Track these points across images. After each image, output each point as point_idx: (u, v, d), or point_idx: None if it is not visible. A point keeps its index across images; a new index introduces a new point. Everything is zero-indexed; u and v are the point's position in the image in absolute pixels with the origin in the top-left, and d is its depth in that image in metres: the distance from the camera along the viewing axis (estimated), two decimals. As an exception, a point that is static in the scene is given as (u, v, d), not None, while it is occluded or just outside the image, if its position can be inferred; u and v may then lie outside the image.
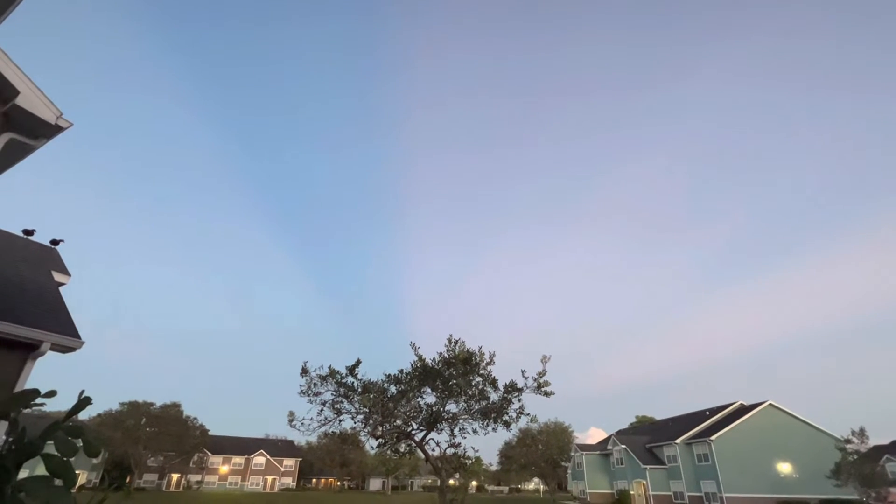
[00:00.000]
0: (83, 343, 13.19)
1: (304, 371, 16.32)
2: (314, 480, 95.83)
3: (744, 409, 50.78)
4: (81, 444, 2.90)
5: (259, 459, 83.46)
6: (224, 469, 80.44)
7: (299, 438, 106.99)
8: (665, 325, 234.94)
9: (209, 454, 78.32)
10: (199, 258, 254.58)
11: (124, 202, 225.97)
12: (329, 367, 16.34)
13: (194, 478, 76.36)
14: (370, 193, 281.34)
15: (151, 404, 66.34)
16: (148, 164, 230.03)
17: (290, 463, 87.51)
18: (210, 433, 77.22)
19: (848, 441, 37.23)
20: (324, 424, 16.52)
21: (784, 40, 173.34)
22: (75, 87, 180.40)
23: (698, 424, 51.93)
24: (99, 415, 66.01)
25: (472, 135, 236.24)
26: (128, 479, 65.47)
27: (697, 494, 47.10)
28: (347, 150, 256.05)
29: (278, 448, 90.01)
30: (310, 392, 16.28)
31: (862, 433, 36.72)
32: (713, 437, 46.21)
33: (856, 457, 37.12)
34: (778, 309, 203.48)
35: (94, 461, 65.86)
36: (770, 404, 49.13)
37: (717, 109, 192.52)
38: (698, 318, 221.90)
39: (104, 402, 77.30)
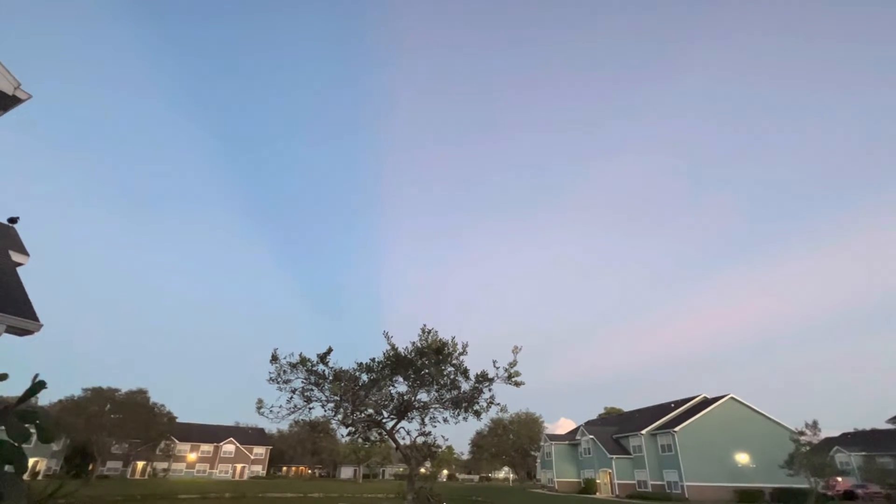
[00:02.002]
0: (41, 326, 12.73)
1: (274, 358, 16.16)
2: (285, 468, 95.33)
3: (707, 402, 52.67)
4: (35, 430, 2.80)
5: (228, 447, 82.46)
6: (192, 457, 79.21)
7: (270, 426, 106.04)
8: (635, 320, 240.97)
9: (176, 442, 76.96)
10: (168, 242, 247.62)
11: (93, 184, 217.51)
12: (300, 355, 16.24)
13: (161, 465, 74.99)
14: (349, 185, 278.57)
15: (116, 391, 64.62)
16: (118, 149, 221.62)
17: (260, 451, 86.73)
18: (178, 420, 75.85)
19: (802, 433, 39.04)
20: (293, 412, 16.43)
21: (769, 38, 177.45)
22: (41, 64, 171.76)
23: (663, 416, 53.66)
24: (60, 401, 64.00)
25: (456, 127, 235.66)
26: (90, 467, 63.80)
27: (660, 483, 48.82)
28: (330, 141, 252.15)
29: (248, 436, 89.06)
30: (279, 379, 16.14)
31: (815, 426, 38.55)
32: (677, 429, 47.87)
33: (808, 448, 39.01)
34: (742, 307, 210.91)
35: (55, 448, 63.88)
36: (731, 398, 51.09)
37: (702, 105, 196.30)
38: (667, 314, 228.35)
39: (67, 388, 75.07)
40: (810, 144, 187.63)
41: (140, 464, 73.20)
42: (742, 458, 47.53)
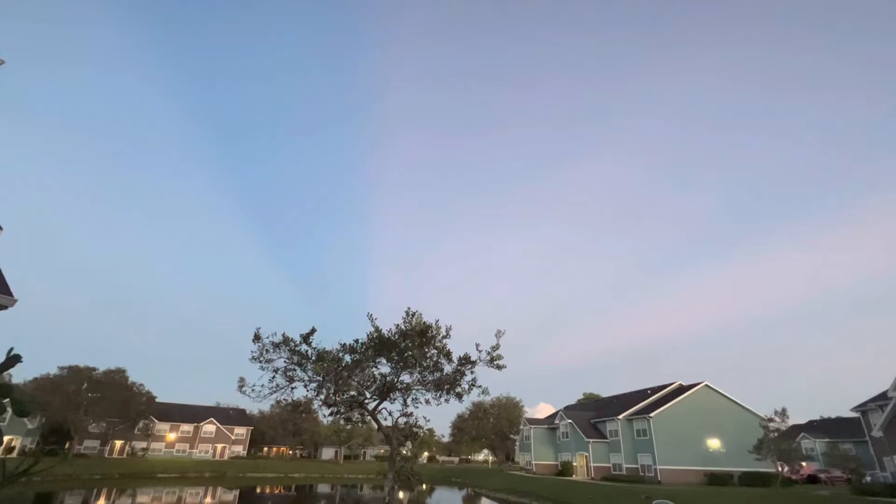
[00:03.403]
0: (16, 301, 12.39)
1: (257, 337, 16.08)
2: (265, 449, 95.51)
3: (682, 389, 54.09)
4: (10, 404, 2.75)
5: (209, 427, 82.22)
6: (171, 436, 78.82)
7: (251, 407, 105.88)
8: (616, 309, 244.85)
9: (156, 421, 76.44)
10: (148, 220, 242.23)
11: (72, 159, 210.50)
12: (283, 335, 16.18)
13: (139, 445, 74.49)
14: (337, 173, 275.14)
15: (94, 369, 63.68)
16: (97, 123, 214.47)
17: (241, 431, 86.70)
18: (158, 400, 75.30)
19: (771, 420, 40.42)
20: (275, 392, 16.44)
21: (744, 46, 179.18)
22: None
23: (640, 402, 55.01)
24: (35, 378, 62.86)
25: (445, 119, 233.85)
26: (67, 445, 63.06)
27: (634, 466, 50.26)
28: (316, 129, 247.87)
29: (229, 416, 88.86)
30: (262, 359, 16.08)
31: (783, 413, 39.91)
32: (652, 414, 49.16)
33: (776, 434, 40.45)
34: (718, 298, 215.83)
35: (29, 426, 62.94)
36: (706, 385, 52.55)
37: (680, 108, 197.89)
38: (647, 303, 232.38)
39: (42, 367, 73.66)
40: (780, 147, 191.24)
41: (118, 443, 72.61)
42: (713, 443, 49.11)
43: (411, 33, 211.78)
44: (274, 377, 16.31)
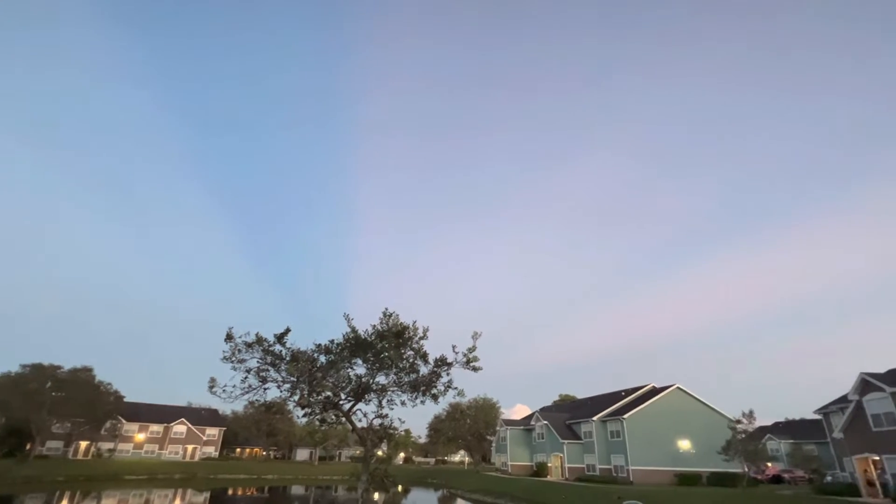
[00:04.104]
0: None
1: (229, 337, 15.71)
2: (238, 450, 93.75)
3: (655, 391, 55.17)
4: None
5: (179, 428, 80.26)
6: (140, 437, 76.67)
7: (224, 407, 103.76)
8: (593, 312, 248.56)
9: (123, 421, 74.28)
10: (119, 216, 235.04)
11: (43, 155, 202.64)
12: (256, 334, 15.84)
13: (106, 446, 72.22)
14: (317, 172, 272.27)
15: (59, 367, 61.42)
16: (69, 118, 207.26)
17: (213, 432, 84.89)
18: (126, 400, 73.20)
19: (738, 421, 41.54)
20: (247, 392, 16.08)
21: (729, 45, 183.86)
22: None
23: (614, 404, 55.90)
24: (-5, 376, 60.25)
25: (430, 121, 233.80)
26: (27, 447, 60.66)
27: (608, 467, 51.04)
28: (298, 127, 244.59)
29: (201, 417, 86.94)
30: (234, 358, 15.72)
31: (750, 415, 41.04)
32: (626, 416, 50.01)
33: (744, 435, 41.61)
34: (691, 303, 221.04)
35: (-13, 425, 60.31)
36: (678, 387, 53.71)
37: (669, 110, 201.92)
38: (623, 306, 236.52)
39: (2, 365, 70.74)
40: (763, 149, 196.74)
41: (83, 444, 70.28)
42: (684, 443, 50.22)
43: (399, 34, 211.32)
44: (246, 378, 15.95)
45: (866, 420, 29.06)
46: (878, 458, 28.50)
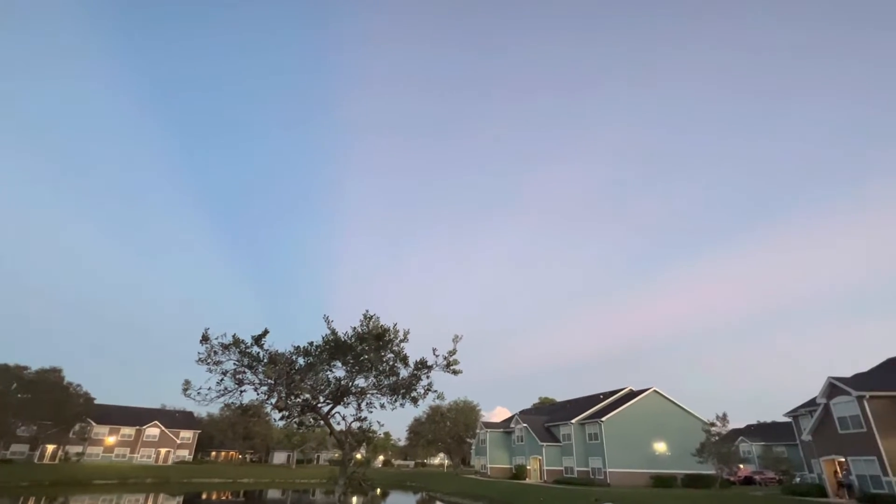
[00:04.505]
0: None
1: (205, 338, 15.38)
2: (214, 453, 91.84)
3: (632, 394, 55.99)
4: None
5: (152, 431, 78.23)
6: (110, 440, 74.47)
7: (199, 409, 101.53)
8: (573, 316, 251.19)
9: (93, 424, 72.04)
10: (94, 215, 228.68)
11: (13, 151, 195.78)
12: (233, 336, 15.56)
13: (74, 449, 69.93)
14: (299, 173, 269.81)
15: (25, 368, 59.33)
16: (39, 113, 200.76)
17: (187, 435, 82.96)
18: (97, 402, 71.13)
19: (713, 424, 42.48)
20: (223, 395, 15.77)
21: (707, 50, 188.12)
22: None
23: (592, 406, 56.48)
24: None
25: (412, 125, 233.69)
26: (-10, 450, 58.40)
27: (585, 469, 51.55)
28: (288, 131, 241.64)
29: (175, 419, 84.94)
30: (209, 360, 15.41)
31: (724, 418, 42.02)
32: (604, 419, 50.61)
33: (717, 438, 42.55)
34: (670, 307, 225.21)
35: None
36: (654, 390, 54.58)
37: (650, 115, 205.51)
38: (603, 310, 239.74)
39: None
40: (741, 154, 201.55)
41: (50, 447, 67.90)
42: (660, 446, 51.05)
43: (384, 38, 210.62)
44: (222, 380, 15.65)
45: (833, 423, 29.97)
46: (843, 459, 29.42)
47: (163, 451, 77.99)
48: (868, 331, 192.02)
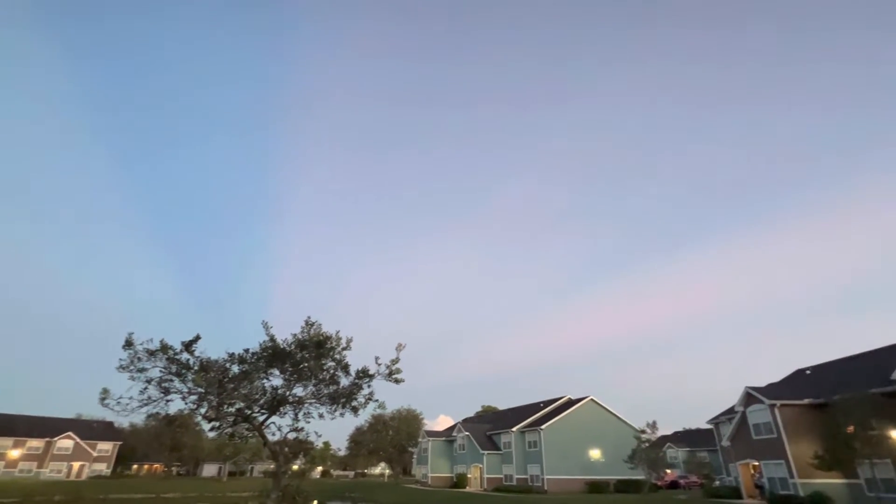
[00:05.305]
0: None
1: (129, 344, 14.28)
2: (136, 466, 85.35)
3: (570, 403, 57.77)
4: None
5: (65, 443, 71.63)
6: (14, 454, 67.42)
7: (121, 420, 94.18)
8: (516, 325, 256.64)
9: (-8, 436, 65.08)
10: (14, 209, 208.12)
11: None
12: (161, 341, 14.59)
13: (-33, 464, 62.75)
14: (245, 182, 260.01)
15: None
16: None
17: (106, 447, 76.68)
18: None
19: (643, 432, 44.63)
20: (146, 404, 14.71)
21: (661, 62, 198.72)
22: None
23: (533, 415, 57.76)
24: None
25: (362, 136, 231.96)
26: None
27: (524, 476, 52.49)
28: (238, 135, 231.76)
29: (93, 430, 78.32)
30: (132, 367, 14.35)
31: (654, 425, 44.28)
32: (543, 427, 51.85)
33: (647, 445, 44.72)
34: (608, 315, 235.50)
35: None
36: (591, 399, 56.63)
37: (600, 127, 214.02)
38: (547, 319, 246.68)
39: None
40: (690, 163, 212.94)
41: (-61, 463, 60.54)
42: (595, 453, 52.95)
43: (340, 45, 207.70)
44: (146, 388, 14.61)
45: (749, 429, 32.36)
46: (757, 463, 31.80)
47: (76, 465, 71.56)
48: (782, 343, 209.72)
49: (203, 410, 15.49)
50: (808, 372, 37.79)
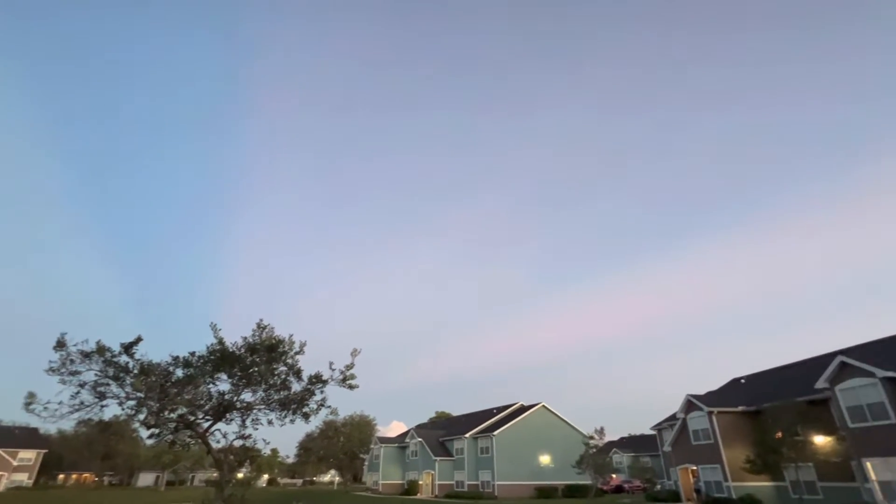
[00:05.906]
0: None
1: (61, 344, 13.30)
2: (62, 476, 79.32)
3: (523, 409, 58.65)
4: None
5: (-20, 451, 65.56)
6: (-82, 464, 61.06)
7: (47, 426, 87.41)
8: (471, 331, 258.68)
9: None
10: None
11: None
12: (97, 343, 13.69)
13: None
14: (198, 184, 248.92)
15: None
16: None
17: (28, 455, 70.77)
18: None
19: (591, 437, 45.98)
20: (77, 410, 13.74)
21: (624, 70, 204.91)
22: None
23: (486, 421, 58.19)
24: None
25: (325, 143, 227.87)
26: None
27: (475, 483, 52.72)
28: (192, 134, 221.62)
29: (13, 437, 72.12)
30: (64, 370, 13.38)
31: (601, 431, 45.78)
32: (495, 433, 52.34)
33: (595, 450, 46.09)
34: (562, 324, 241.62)
35: None
36: (543, 406, 57.74)
37: (562, 137, 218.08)
38: (501, 326, 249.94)
39: None
40: (652, 173, 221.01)
41: None
42: (544, 458, 53.93)
43: (293, 48, 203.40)
44: (78, 393, 13.65)
45: (689, 435, 34.00)
46: (695, 468, 33.43)
47: (-8, 475, 65.60)
48: (726, 351, 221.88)
49: (142, 416, 14.68)
50: (742, 381, 40.19)
